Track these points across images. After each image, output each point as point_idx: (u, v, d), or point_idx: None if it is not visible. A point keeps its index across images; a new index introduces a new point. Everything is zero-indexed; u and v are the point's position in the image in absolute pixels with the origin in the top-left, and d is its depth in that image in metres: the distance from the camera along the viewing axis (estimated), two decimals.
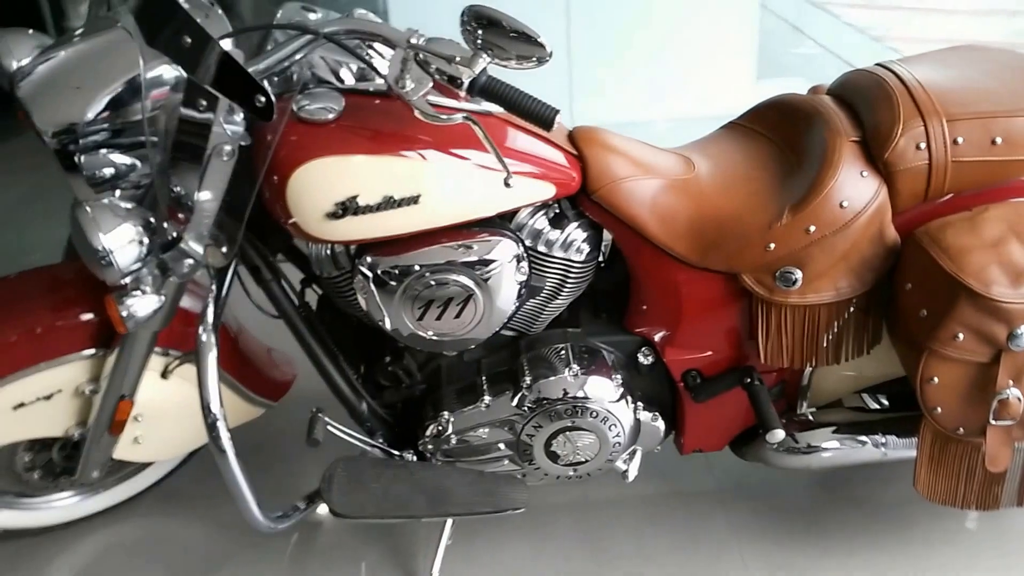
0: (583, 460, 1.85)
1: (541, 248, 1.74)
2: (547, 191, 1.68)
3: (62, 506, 2.07)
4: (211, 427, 1.68)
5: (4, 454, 1.94)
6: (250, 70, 1.41)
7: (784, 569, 1.97)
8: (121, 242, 1.47)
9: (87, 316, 1.80)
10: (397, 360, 1.90)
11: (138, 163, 1.58)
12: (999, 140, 1.67)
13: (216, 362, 1.68)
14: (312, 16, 1.67)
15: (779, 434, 1.77)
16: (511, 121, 1.65)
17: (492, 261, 1.67)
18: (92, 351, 1.81)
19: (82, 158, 1.51)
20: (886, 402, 2.10)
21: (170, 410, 1.92)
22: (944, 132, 1.66)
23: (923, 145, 1.66)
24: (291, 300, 1.82)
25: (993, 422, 1.67)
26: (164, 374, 1.88)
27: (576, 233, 1.75)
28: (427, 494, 1.79)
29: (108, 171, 1.55)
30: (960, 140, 1.66)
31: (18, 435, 1.85)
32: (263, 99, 1.38)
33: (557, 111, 1.46)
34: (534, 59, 1.40)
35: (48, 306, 1.80)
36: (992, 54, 1.87)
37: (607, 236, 1.82)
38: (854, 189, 1.67)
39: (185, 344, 1.86)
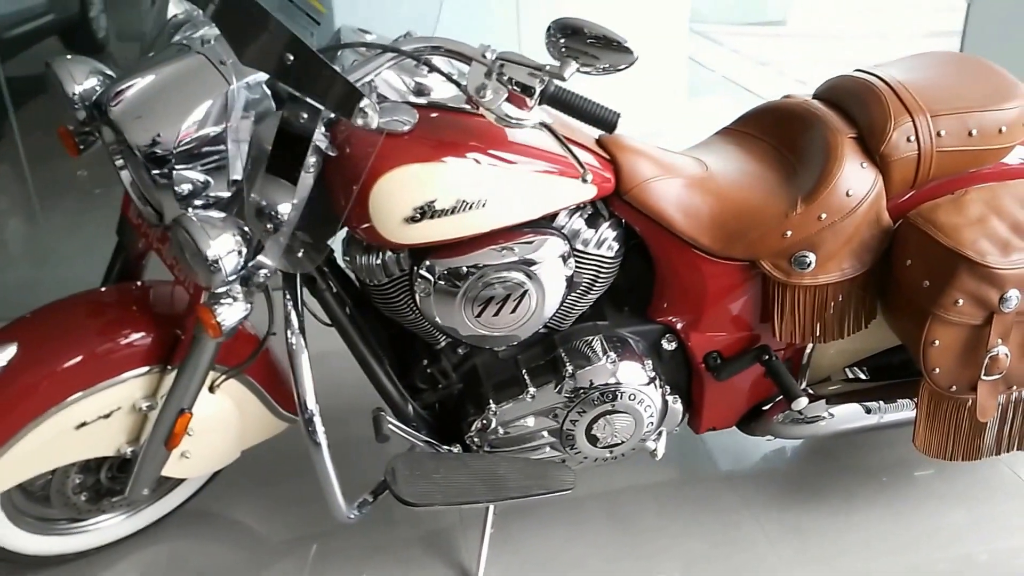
0: (620, 442, 1.99)
1: (578, 246, 1.88)
2: (589, 192, 1.83)
3: (105, 527, 2.09)
4: (308, 422, 1.78)
5: (56, 478, 1.94)
6: None
7: (797, 531, 2.17)
8: (225, 250, 1.54)
9: (139, 335, 1.85)
10: (434, 363, 2.00)
11: (211, 179, 1.65)
12: (975, 132, 1.92)
13: (308, 362, 1.77)
14: (368, 37, 1.78)
15: (803, 401, 1.97)
16: (551, 129, 1.80)
17: (545, 259, 1.80)
18: (147, 368, 1.85)
19: (175, 174, 1.59)
20: (864, 376, 2.33)
21: (217, 424, 1.97)
22: (929, 126, 1.90)
23: (912, 138, 1.90)
24: (344, 309, 1.91)
25: (984, 377, 1.91)
26: (212, 388, 1.94)
27: (608, 232, 1.90)
28: (485, 481, 1.90)
29: (186, 187, 1.63)
30: (943, 133, 1.90)
31: (78, 454, 1.86)
32: (368, 110, 1.49)
33: (619, 115, 1.62)
34: (610, 64, 1.55)
35: (100, 328, 1.85)
36: (951, 58, 2.14)
37: None
38: (856, 179, 1.88)
39: (230, 359, 1.92)
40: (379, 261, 1.81)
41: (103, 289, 1.99)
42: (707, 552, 2.11)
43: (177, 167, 1.59)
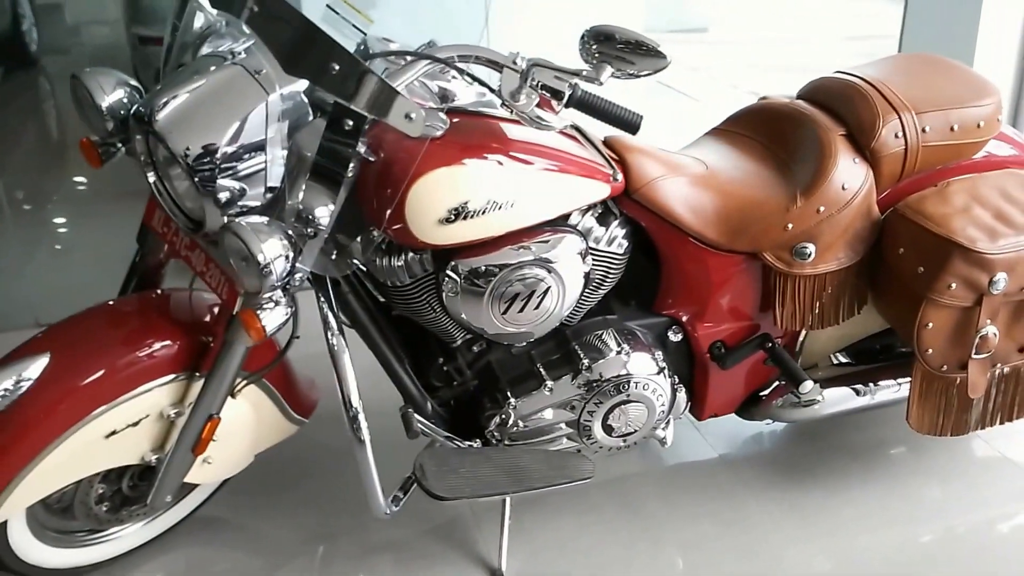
0: (634, 431, 2.07)
1: (591, 243, 1.95)
2: (604, 191, 1.90)
3: (123, 536, 2.10)
4: (352, 419, 1.82)
5: (81, 489, 1.94)
6: None
7: (796, 509, 2.29)
8: (275, 254, 1.58)
9: (166, 343, 1.86)
10: (450, 361, 2.05)
11: (247, 187, 1.68)
12: (956, 127, 2.05)
13: (350, 362, 1.81)
14: (392, 46, 1.83)
15: (809, 384, 2.08)
16: (581, 131, 1.87)
17: (565, 255, 1.87)
18: (173, 376, 1.86)
19: (218, 181, 1.62)
20: (845, 360, 2.46)
21: (237, 429, 1.98)
22: (915, 123, 2.03)
23: (899, 134, 2.02)
24: (366, 311, 1.95)
25: (975, 356, 2.04)
26: (233, 394, 1.95)
27: (617, 230, 1.98)
28: (509, 473, 1.96)
29: (225, 195, 1.66)
30: (927, 129, 2.03)
31: (108, 463, 1.87)
32: (413, 115, 1.55)
33: (642, 116, 1.70)
34: (643, 68, 1.63)
35: (130, 337, 1.86)
36: (922, 59, 2.27)
37: None
38: (850, 174, 2.00)
39: (251, 364, 1.94)
40: (402, 263, 1.86)
41: (130, 298, 2.00)
42: (718, 533, 2.21)
43: (220, 175, 1.62)
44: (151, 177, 1.77)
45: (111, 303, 1.95)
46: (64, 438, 1.77)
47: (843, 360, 2.45)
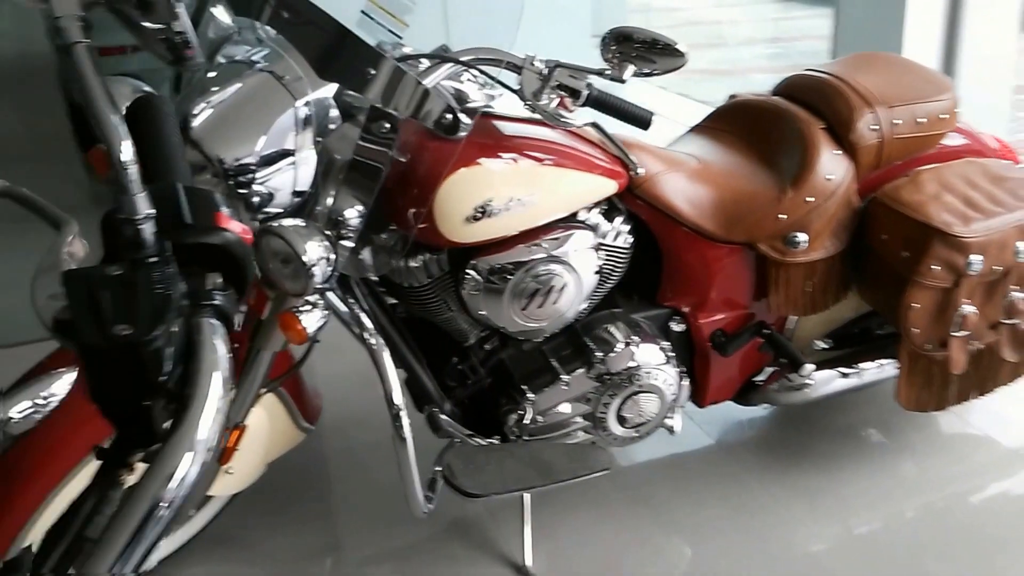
0: (646, 420, 2.15)
1: (598, 239, 2.03)
2: (611, 187, 1.99)
3: None
4: (395, 417, 1.84)
5: None
6: None
7: (797, 489, 2.38)
8: (317, 255, 1.61)
9: None
10: (464, 360, 2.11)
11: (276, 191, 1.72)
12: (923, 120, 2.20)
13: (391, 360, 1.84)
14: (407, 50, 1.89)
15: (809, 367, 2.19)
16: (601, 129, 1.96)
17: (579, 251, 1.95)
18: None
19: (254, 186, 1.65)
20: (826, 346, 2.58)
21: (256, 437, 1.99)
22: (887, 116, 2.17)
23: (874, 127, 2.16)
24: (386, 312, 1.99)
25: (955, 334, 2.17)
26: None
27: (622, 225, 2.06)
28: (534, 468, 2.02)
29: (256, 200, 1.69)
30: (898, 121, 2.18)
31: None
32: (450, 116, 1.61)
33: (652, 113, 1.79)
34: (663, 66, 1.72)
35: None
36: (881, 57, 2.43)
37: None
38: (833, 165, 2.13)
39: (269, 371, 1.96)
40: (419, 264, 1.91)
41: None
42: (729, 517, 2.29)
43: (254, 180, 1.66)
44: None
45: None
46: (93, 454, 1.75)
47: (824, 346, 2.57)
